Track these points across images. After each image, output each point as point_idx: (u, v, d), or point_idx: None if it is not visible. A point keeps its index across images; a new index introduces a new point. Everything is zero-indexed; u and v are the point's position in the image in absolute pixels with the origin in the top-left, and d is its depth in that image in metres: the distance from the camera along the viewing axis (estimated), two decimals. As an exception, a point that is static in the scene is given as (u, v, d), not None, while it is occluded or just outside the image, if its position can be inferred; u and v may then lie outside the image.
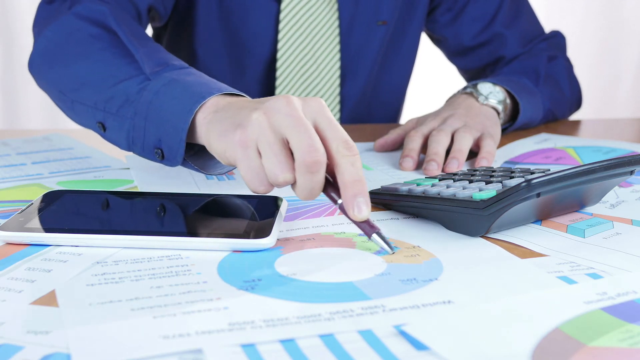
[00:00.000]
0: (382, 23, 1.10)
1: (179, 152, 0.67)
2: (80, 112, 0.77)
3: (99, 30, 0.79)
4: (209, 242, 0.56)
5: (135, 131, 0.71)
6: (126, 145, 0.72)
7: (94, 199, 0.66)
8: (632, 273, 0.52)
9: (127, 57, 0.75)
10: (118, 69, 0.74)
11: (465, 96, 0.95)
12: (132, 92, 0.71)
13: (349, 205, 0.55)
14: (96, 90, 0.75)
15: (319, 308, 0.46)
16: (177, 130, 0.66)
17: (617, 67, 2.59)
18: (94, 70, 0.76)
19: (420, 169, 0.82)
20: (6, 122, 2.36)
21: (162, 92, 0.69)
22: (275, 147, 0.57)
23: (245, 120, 0.58)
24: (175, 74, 0.71)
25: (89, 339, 0.42)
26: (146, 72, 0.72)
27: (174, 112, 0.67)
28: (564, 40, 1.18)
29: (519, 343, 0.42)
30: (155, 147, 0.69)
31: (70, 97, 0.78)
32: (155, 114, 0.69)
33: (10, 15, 2.28)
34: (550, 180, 0.55)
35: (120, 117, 0.72)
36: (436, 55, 1.32)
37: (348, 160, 0.57)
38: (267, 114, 0.57)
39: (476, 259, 0.55)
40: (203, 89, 0.67)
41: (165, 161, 0.69)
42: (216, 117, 0.63)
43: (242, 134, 0.58)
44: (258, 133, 0.57)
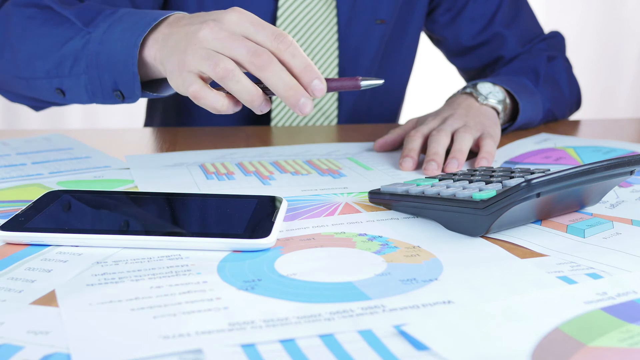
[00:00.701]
0: (381, 22, 1.10)
1: (136, 86, 0.75)
2: (37, 87, 0.83)
3: (33, 10, 0.84)
4: (209, 242, 0.56)
5: (92, 82, 0.78)
6: (87, 98, 0.80)
7: (94, 199, 0.66)
8: (632, 273, 0.52)
9: (64, 23, 0.80)
10: (59, 35, 0.80)
11: (465, 96, 0.95)
12: (78, 49, 0.78)
13: (308, 90, 0.64)
14: (45, 60, 0.80)
15: (319, 308, 0.46)
16: (128, 66, 0.74)
17: (617, 67, 2.59)
18: (38, 44, 0.81)
19: (420, 169, 0.82)
20: (6, 122, 2.36)
21: (105, 39, 0.76)
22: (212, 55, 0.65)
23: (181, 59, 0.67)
24: (110, 18, 0.77)
25: (89, 339, 0.42)
26: (83, 28, 0.78)
27: (120, 51, 0.74)
28: (563, 40, 1.18)
29: (519, 343, 0.42)
30: (114, 90, 0.77)
31: (24, 77, 0.83)
32: (105, 60, 0.76)
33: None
34: (550, 180, 0.55)
35: (74, 76, 0.79)
36: (436, 56, 1.32)
37: (289, 53, 0.64)
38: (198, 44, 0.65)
39: (476, 259, 0.55)
40: (139, 24, 0.73)
41: (126, 100, 0.77)
42: (167, 35, 0.71)
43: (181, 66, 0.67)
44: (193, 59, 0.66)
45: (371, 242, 0.58)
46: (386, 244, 0.58)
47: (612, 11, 2.53)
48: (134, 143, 0.95)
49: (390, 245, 0.58)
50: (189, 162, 0.85)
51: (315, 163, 0.85)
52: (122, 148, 0.92)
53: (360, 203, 0.69)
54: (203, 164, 0.84)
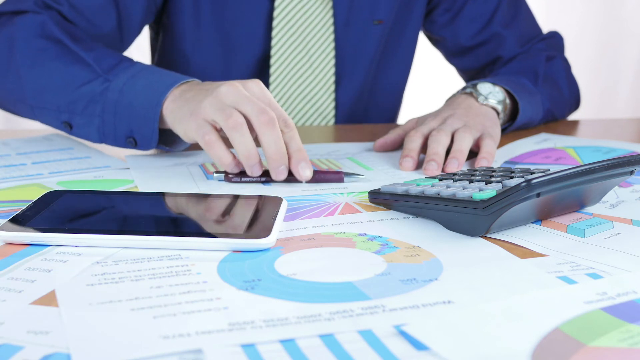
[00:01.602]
0: (378, 22, 1.10)
1: (153, 139, 0.81)
2: (43, 115, 0.87)
3: (43, 42, 0.87)
4: (209, 242, 0.56)
5: (106, 126, 0.82)
6: (98, 138, 0.84)
7: (94, 199, 0.66)
8: (632, 273, 0.52)
9: (78, 62, 0.85)
10: (74, 76, 0.84)
11: (465, 96, 0.95)
12: (96, 93, 0.82)
13: (295, 170, 0.73)
14: (57, 95, 0.85)
15: (319, 308, 0.46)
16: (149, 122, 0.80)
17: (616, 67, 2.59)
18: (50, 78, 0.85)
19: (420, 169, 0.82)
20: (6, 122, 2.36)
21: (126, 91, 0.81)
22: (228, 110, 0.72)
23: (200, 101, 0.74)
24: (130, 71, 0.83)
25: (89, 339, 0.42)
26: (102, 74, 0.83)
27: (141, 106, 0.80)
28: (561, 40, 1.18)
29: (519, 343, 0.42)
30: (127, 137, 0.82)
31: (29, 103, 0.87)
32: (123, 110, 0.81)
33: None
34: (550, 180, 0.55)
35: (87, 116, 0.83)
36: (435, 56, 1.32)
37: (288, 136, 0.73)
38: (217, 97, 0.72)
39: (476, 259, 0.55)
40: (160, 84, 0.80)
41: (139, 147, 0.82)
42: (177, 104, 0.78)
43: (196, 110, 0.73)
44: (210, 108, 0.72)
45: (371, 242, 0.58)
46: (386, 244, 0.58)
47: (611, 11, 2.53)
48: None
49: (390, 245, 0.58)
50: (189, 162, 0.85)
51: (315, 163, 0.85)
52: (122, 148, 0.92)
53: (360, 203, 0.69)
54: (203, 164, 0.84)
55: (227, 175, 0.75)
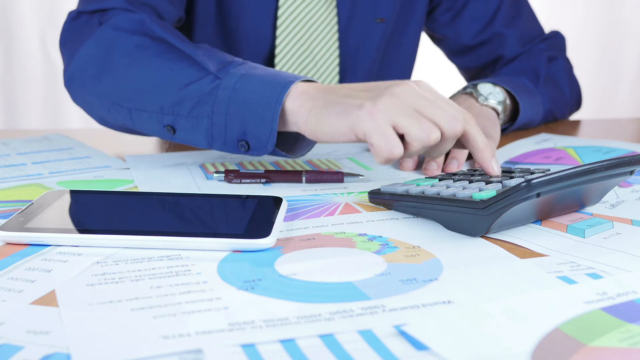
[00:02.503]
0: (381, 20, 1.10)
1: (270, 142, 0.72)
2: (142, 119, 0.79)
3: (143, 39, 0.80)
4: (209, 242, 0.56)
5: (215, 128, 0.74)
6: (205, 143, 0.75)
7: (94, 199, 0.66)
8: (632, 273, 0.52)
9: (184, 60, 0.77)
10: (179, 73, 0.76)
11: (465, 96, 0.95)
12: (205, 93, 0.74)
13: (488, 166, 0.67)
14: (160, 96, 0.76)
15: (319, 308, 0.46)
16: (266, 121, 0.71)
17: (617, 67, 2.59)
18: (152, 77, 0.77)
19: (420, 169, 0.82)
20: (6, 122, 2.36)
21: (239, 88, 0.72)
22: (417, 116, 0.65)
23: (374, 99, 0.66)
24: (242, 68, 0.74)
25: (89, 339, 0.42)
26: (213, 72, 0.74)
27: (258, 104, 0.71)
28: (563, 40, 1.18)
29: (519, 343, 0.42)
30: (240, 140, 0.73)
31: (127, 106, 0.79)
32: (236, 110, 0.72)
33: (10, 16, 2.28)
34: (550, 180, 0.55)
35: (194, 118, 0.75)
36: (436, 55, 1.32)
37: (475, 129, 0.67)
38: (395, 95, 0.66)
39: (476, 259, 0.55)
40: (279, 79, 0.72)
41: (252, 152, 0.73)
42: (322, 102, 0.69)
43: (372, 109, 0.65)
44: (391, 108, 0.65)
45: (371, 242, 0.58)
46: (386, 244, 0.58)
47: (612, 12, 2.53)
48: (134, 143, 0.95)
49: (390, 245, 0.58)
50: (189, 162, 0.85)
51: (315, 163, 0.85)
52: (122, 148, 0.92)
53: (360, 203, 0.69)
54: (203, 164, 0.84)
55: (227, 176, 0.75)
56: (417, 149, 0.66)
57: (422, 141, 0.65)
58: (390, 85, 0.67)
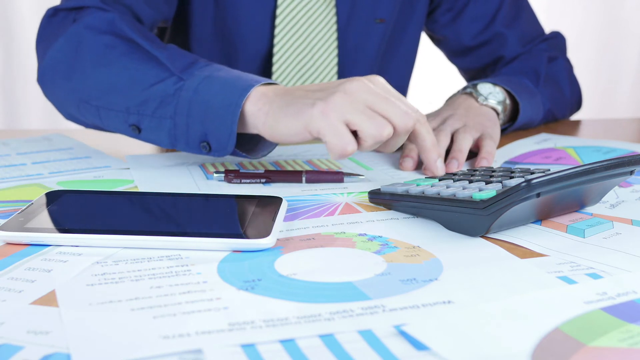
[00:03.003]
0: (380, 21, 1.10)
1: (230, 143, 0.73)
2: (109, 118, 0.80)
3: (112, 38, 0.81)
4: (209, 242, 0.56)
5: (177, 129, 0.75)
6: (168, 142, 0.77)
7: (93, 199, 0.66)
8: (632, 273, 0.52)
9: (150, 60, 0.78)
10: (145, 74, 0.77)
11: (465, 96, 0.95)
12: (168, 93, 0.75)
13: (432, 166, 0.71)
14: (126, 95, 0.78)
15: (319, 308, 0.46)
16: (226, 124, 0.72)
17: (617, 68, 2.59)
18: (119, 76, 0.78)
19: (420, 169, 0.82)
20: (6, 122, 2.36)
21: (201, 90, 0.74)
22: (369, 112, 0.66)
23: (327, 98, 0.67)
24: (206, 70, 0.76)
25: (89, 339, 0.42)
26: (176, 73, 0.75)
27: (219, 107, 0.72)
28: (564, 40, 1.18)
29: (519, 343, 0.42)
30: (201, 142, 0.74)
31: (94, 104, 0.80)
32: (198, 111, 0.74)
33: (10, 16, 2.28)
34: (550, 180, 0.55)
35: (157, 118, 0.76)
36: (436, 55, 1.32)
37: (425, 128, 0.70)
38: (347, 92, 0.67)
39: (476, 259, 0.55)
40: (241, 82, 0.73)
41: (213, 152, 0.75)
42: (278, 104, 0.70)
43: (324, 108, 0.66)
44: (344, 105, 0.66)
45: (371, 242, 0.58)
46: (386, 244, 0.58)
47: (611, 12, 2.53)
48: (134, 143, 0.95)
49: (390, 245, 0.58)
50: (189, 162, 0.85)
51: (315, 163, 0.85)
52: (122, 148, 0.92)
53: (360, 203, 0.69)
54: (203, 164, 0.84)
55: (227, 176, 0.75)
56: (370, 145, 0.67)
57: (374, 137, 0.66)
58: (343, 82, 0.69)
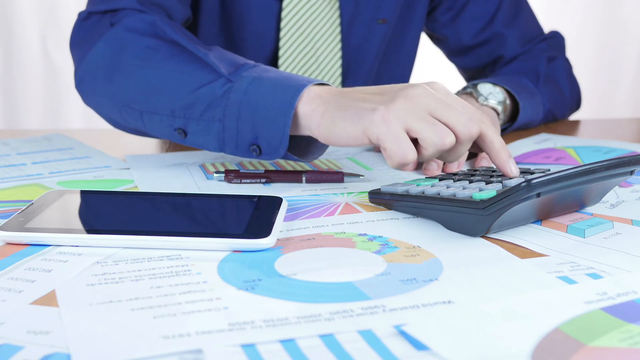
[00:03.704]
0: (382, 21, 1.10)
1: (282, 146, 0.70)
2: (153, 122, 0.78)
3: (154, 41, 0.79)
4: (209, 242, 0.56)
5: (227, 132, 0.73)
6: (217, 146, 0.74)
7: (94, 199, 0.66)
8: (632, 273, 0.52)
9: (196, 62, 0.76)
10: (191, 76, 0.75)
11: (465, 96, 0.95)
12: (216, 96, 0.73)
13: (505, 168, 0.65)
14: (171, 98, 0.75)
15: (319, 308, 0.46)
16: (278, 125, 0.70)
17: (616, 67, 2.59)
18: (163, 79, 0.76)
19: (420, 169, 0.82)
20: (6, 122, 2.36)
21: (251, 92, 0.71)
22: (431, 119, 0.64)
23: (387, 103, 0.65)
24: (255, 71, 0.73)
25: (89, 339, 0.42)
26: (224, 75, 0.73)
27: (270, 108, 0.70)
28: (563, 40, 1.18)
29: (519, 343, 0.42)
30: (251, 144, 0.72)
31: (138, 108, 0.78)
32: (248, 114, 0.71)
33: (10, 16, 2.28)
34: (550, 180, 0.55)
35: (205, 121, 0.73)
36: (436, 55, 1.32)
37: (492, 130, 0.66)
38: (409, 98, 0.64)
39: (476, 259, 0.55)
40: (291, 82, 0.71)
41: (264, 156, 0.72)
42: (334, 105, 0.68)
43: (385, 113, 0.64)
44: (405, 112, 0.64)
45: (371, 242, 0.58)
46: (386, 244, 0.58)
47: (611, 11, 2.53)
48: (134, 143, 0.95)
49: (390, 245, 0.58)
50: (189, 162, 0.85)
51: (315, 163, 0.85)
52: (122, 148, 0.92)
53: (360, 203, 0.69)
54: (203, 164, 0.84)
55: (227, 176, 0.75)
56: (431, 153, 0.65)
57: (436, 145, 0.64)
58: (404, 87, 0.66)
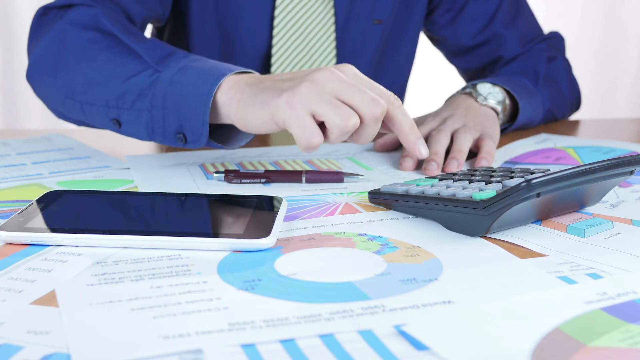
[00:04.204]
0: (378, 22, 1.10)
1: (203, 134, 0.72)
2: (92, 113, 0.80)
3: (94, 34, 0.81)
4: (209, 242, 0.56)
5: (154, 121, 0.75)
6: (146, 135, 0.77)
7: (94, 199, 0.66)
8: (632, 273, 0.52)
9: (130, 54, 0.78)
10: (124, 66, 0.77)
11: (464, 96, 0.95)
12: (144, 86, 0.75)
13: (413, 149, 0.68)
14: (106, 89, 0.78)
15: (319, 308, 0.46)
16: (199, 114, 0.72)
17: (616, 67, 2.59)
18: (100, 70, 0.79)
19: (420, 169, 0.82)
20: (6, 122, 2.36)
21: (176, 81, 0.73)
22: (335, 102, 0.64)
23: (293, 88, 0.65)
24: (182, 62, 0.75)
25: (89, 339, 0.42)
26: (153, 65, 0.75)
27: (192, 97, 0.72)
28: (562, 40, 1.18)
29: (519, 343, 0.42)
30: (177, 133, 0.74)
31: (78, 99, 0.81)
32: (173, 103, 0.73)
33: (10, 16, 2.28)
34: (550, 180, 0.55)
35: (135, 111, 0.76)
36: (435, 56, 1.32)
37: (400, 111, 0.67)
38: (314, 82, 0.65)
39: (476, 259, 0.55)
40: (214, 71, 0.72)
41: (189, 144, 0.74)
42: (248, 93, 0.69)
43: (290, 98, 0.65)
44: (310, 95, 0.64)
45: (371, 242, 0.58)
46: (386, 244, 0.58)
47: (611, 12, 2.53)
48: (134, 143, 0.95)
49: (390, 245, 0.58)
50: (189, 162, 0.85)
51: (315, 163, 0.85)
52: (122, 148, 0.92)
53: (360, 203, 0.69)
54: (203, 164, 0.84)
55: (227, 176, 0.75)
56: (336, 136, 0.66)
57: (339, 128, 0.65)
58: (312, 72, 0.67)
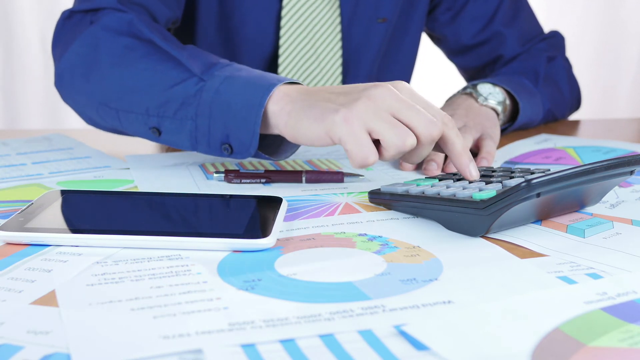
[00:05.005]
0: (382, 20, 1.10)
1: (252, 145, 0.71)
2: (128, 120, 0.78)
3: (131, 40, 0.79)
4: (209, 242, 0.56)
5: (199, 131, 0.73)
6: (189, 145, 0.75)
7: (94, 199, 0.66)
8: (632, 273, 0.52)
9: (170, 61, 0.76)
10: (164, 74, 0.75)
11: (464, 97, 0.95)
12: (189, 94, 0.73)
13: (465, 171, 0.65)
14: (145, 97, 0.76)
15: (319, 308, 0.46)
16: (248, 124, 0.70)
17: (616, 67, 2.59)
18: (138, 78, 0.77)
19: (420, 169, 0.82)
20: (6, 122, 2.36)
21: (222, 91, 0.72)
22: (392, 120, 0.64)
23: (350, 104, 0.64)
24: (227, 71, 0.74)
25: (89, 339, 0.42)
26: (197, 74, 0.74)
27: (241, 107, 0.70)
28: (563, 40, 1.18)
29: (519, 343, 0.42)
30: (223, 143, 0.73)
31: (114, 106, 0.79)
32: (220, 112, 0.72)
33: (10, 16, 2.28)
34: (550, 180, 0.55)
35: (178, 120, 0.74)
36: (436, 55, 1.32)
37: (454, 133, 0.66)
38: (371, 99, 0.64)
39: (476, 259, 0.55)
40: (264, 81, 0.71)
41: (235, 155, 0.73)
42: (300, 105, 0.68)
43: (347, 115, 0.63)
44: (367, 113, 0.63)
45: (371, 242, 0.58)
46: (386, 244, 0.58)
47: (611, 11, 2.53)
48: (134, 143, 0.95)
49: (390, 245, 0.58)
50: (189, 162, 0.85)
51: (315, 163, 0.85)
52: (122, 148, 0.92)
53: (360, 203, 0.69)
54: (203, 164, 0.84)
55: (227, 176, 0.75)
56: (392, 155, 0.64)
57: (397, 147, 0.63)
58: (368, 88, 0.66)
